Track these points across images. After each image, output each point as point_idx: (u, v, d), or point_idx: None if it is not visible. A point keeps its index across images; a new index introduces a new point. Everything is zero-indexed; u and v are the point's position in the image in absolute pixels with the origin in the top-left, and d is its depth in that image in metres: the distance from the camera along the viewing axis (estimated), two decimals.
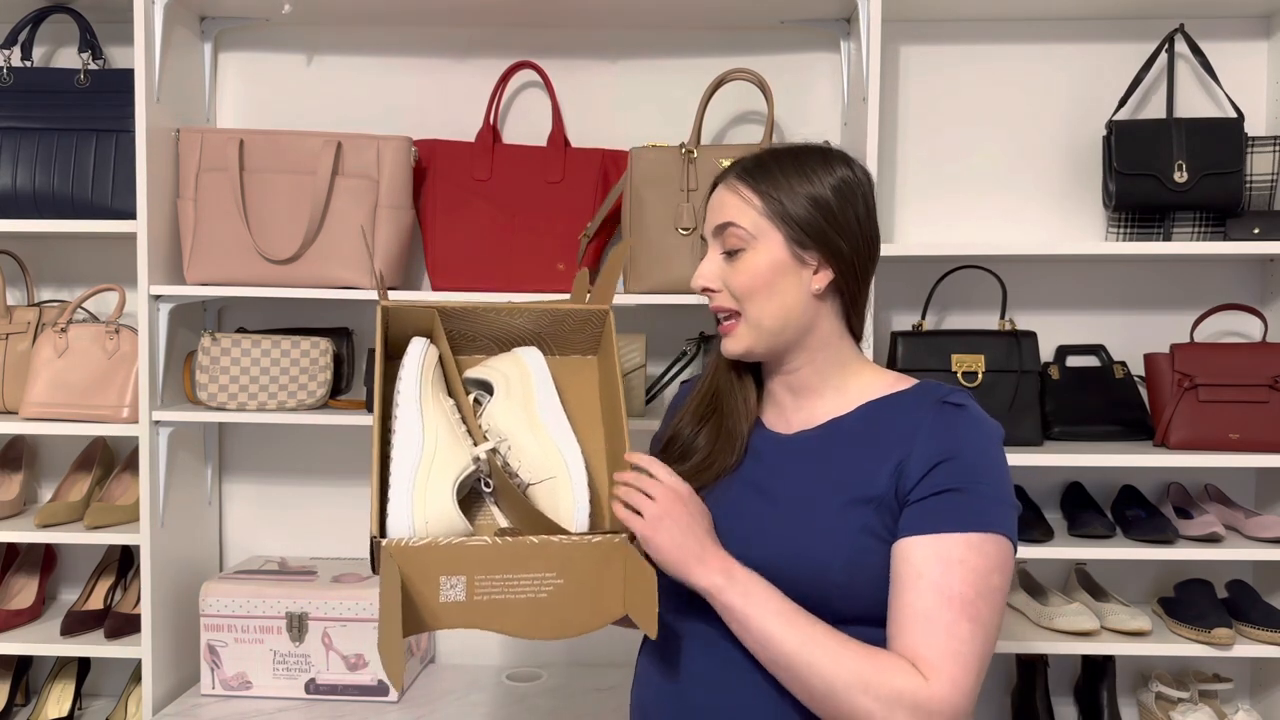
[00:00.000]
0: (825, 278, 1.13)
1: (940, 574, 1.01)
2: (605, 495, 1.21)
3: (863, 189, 1.15)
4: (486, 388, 1.28)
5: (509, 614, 1.08)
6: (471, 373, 1.30)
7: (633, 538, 1.10)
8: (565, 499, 1.16)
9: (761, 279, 1.12)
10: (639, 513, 1.08)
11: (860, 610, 1.05)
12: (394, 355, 1.26)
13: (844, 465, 1.10)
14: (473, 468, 1.15)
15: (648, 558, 1.07)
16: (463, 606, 1.07)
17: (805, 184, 1.12)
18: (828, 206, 1.12)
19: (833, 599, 1.04)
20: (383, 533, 1.09)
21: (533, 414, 1.23)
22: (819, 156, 1.15)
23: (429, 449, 1.13)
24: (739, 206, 1.14)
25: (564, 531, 1.11)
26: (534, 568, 1.08)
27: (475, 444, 1.18)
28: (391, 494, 1.10)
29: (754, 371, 1.23)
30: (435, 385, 1.21)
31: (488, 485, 1.21)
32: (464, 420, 1.21)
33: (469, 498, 1.21)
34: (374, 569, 1.07)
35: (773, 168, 1.14)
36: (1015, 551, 1.06)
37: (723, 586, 1.04)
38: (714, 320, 1.20)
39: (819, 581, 1.05)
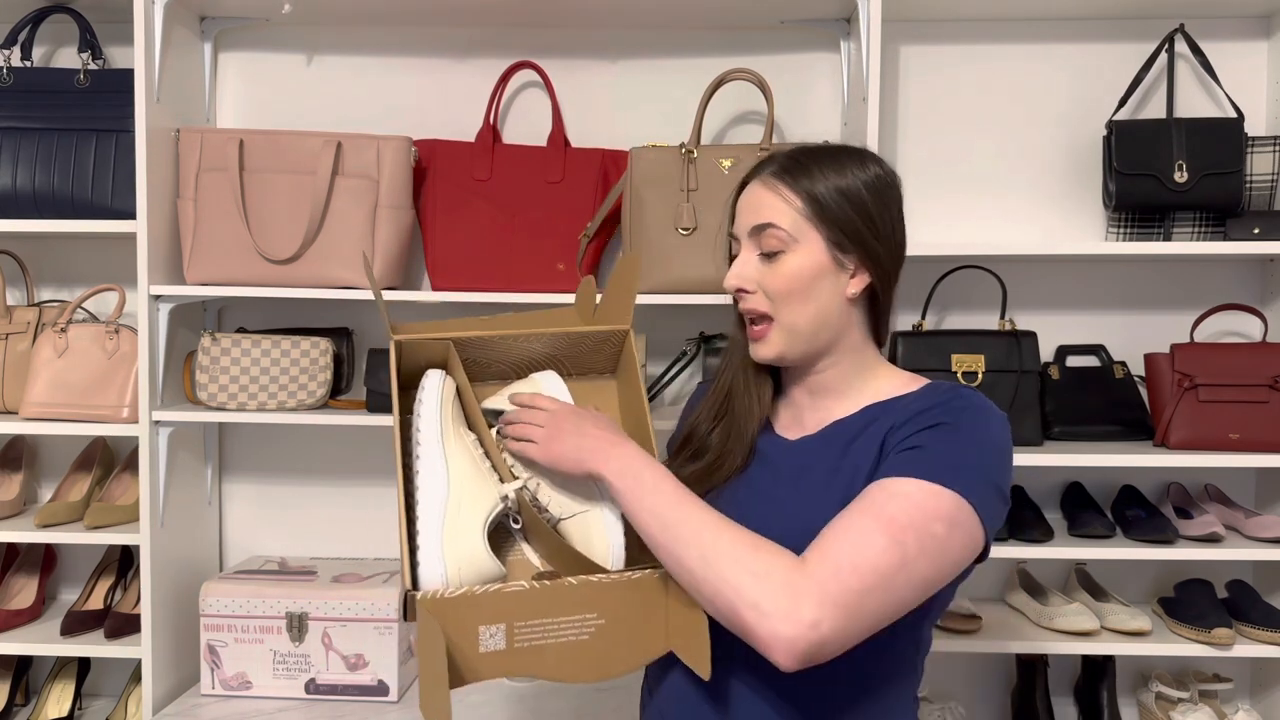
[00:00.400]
0: (861, 281, 1.11)
1: (877, 499, 0.98)
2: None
3: (895, 189, 1.13)
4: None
5: (550, 658, 1.04)
6: (489, 403, 1.24)
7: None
8: (598, 533, 1.12)
9: (800, 282, 1.09)
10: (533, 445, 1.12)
11: None
12: (406, 385, 1.20)
13: (843, 465, 1.09)
14: (501, 506, 1.10)
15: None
16: (503, 655, 1.03)
17: (844, 184, 1.10)
18: (866, 209, 1.10)
19: None
20: (415, 584, 1.04)
21: None
22: (855, 156, 1.13)
23: (455, 491, 1.08)
24: (778, 206, 1.10)
25: (601, 569, 1.08)
26: (574, 609, 1.04)
27: (501, 479, 1.13)
28: (420, 541, 1.05)
29: (772, 372, 1.20)
30: (455, 420, 1.16)
31: (516, 522, 1.16)
32: (487, 455, 1.16)
33: (498, 533, 1.17)
34: (405, 617, 1.03)
35: (811, 167, 1.11)
36: (984, 536, 1.00)
37: (619, 471, 1.06)
38: (738, 321, 1.17)
39: None
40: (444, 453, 1.11)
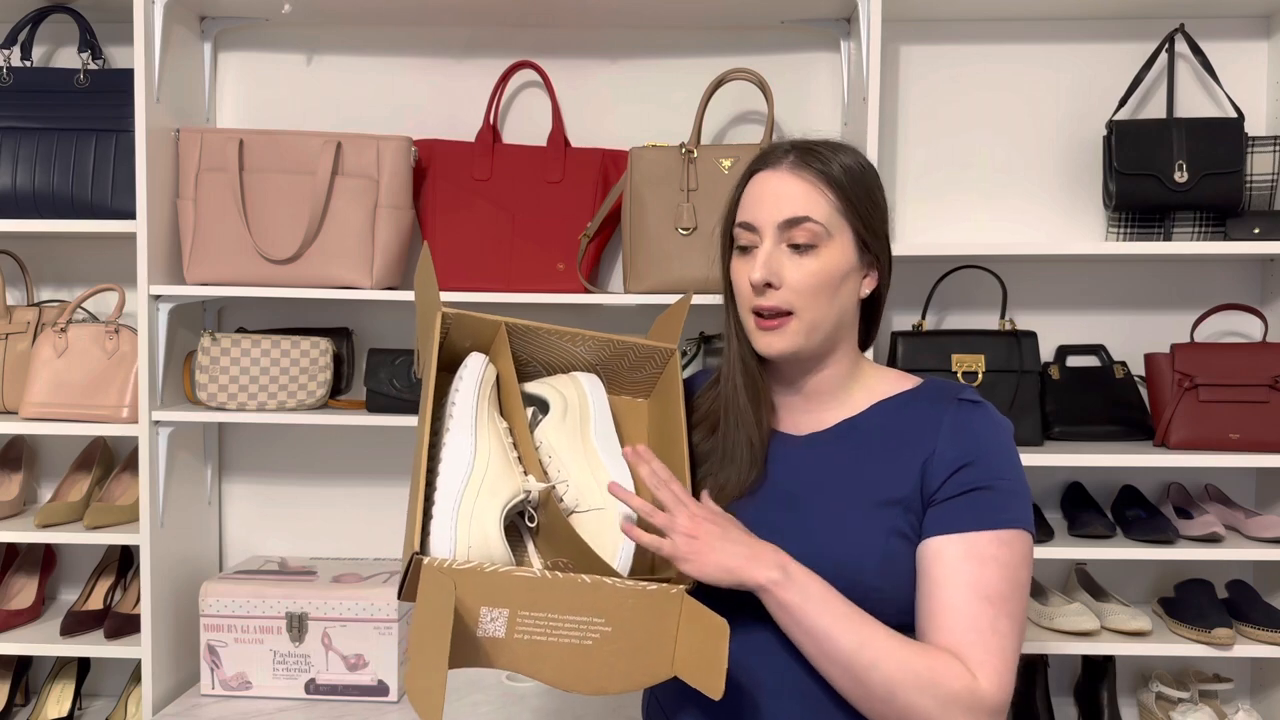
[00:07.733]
0: (872, 282, 1.11)
1: (975, 572, 1.01)
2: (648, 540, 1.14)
3: (882, 190, 1.14)
4: (542, 405, 1.21)
5: (548, 659, 0.99)
6: (529, 387, 1.22)
7: (691, 590, 1.02)
8: (610, 533, 1.07)
9: (831, 280, 1.07)
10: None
11: (893, 612, 1.04)
12: (446, 366, 1.17)
13: (866, 468, 1.08)
14: (522, 496, 1.05)
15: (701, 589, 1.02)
16: (499, 644, 0.98)
17: (864, 178, 1.09)
18: (880, 206, 1.10)
19: (867, 603, 1.02)
20: (423, 551, 1.00)
21: (587, 440, 1.15)
22: (854, 150, 1.12)
23: (479, 470, 1.04)
24: (813, 198, 1.07)
25: (614, 573, 1.02)
26: (581, 610, 0.99)
27: (526, 472, 1.09)
28: (435, 511, 1.01)
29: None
30: (491, 404, 1.13)
31: (531, 520, 1.10)
32: (515, 445, 1.12)
33: (507, 534, 1.12)
34: (402, 591, 0.99)
35: (832, 159, 1.08)
36: (1034, 543, 1.07)
37: (780, 581, 1.00)
38: (733, 318, 1.15)
39: (854, 587, 1.03)
40: (474, 432, 1.07)
